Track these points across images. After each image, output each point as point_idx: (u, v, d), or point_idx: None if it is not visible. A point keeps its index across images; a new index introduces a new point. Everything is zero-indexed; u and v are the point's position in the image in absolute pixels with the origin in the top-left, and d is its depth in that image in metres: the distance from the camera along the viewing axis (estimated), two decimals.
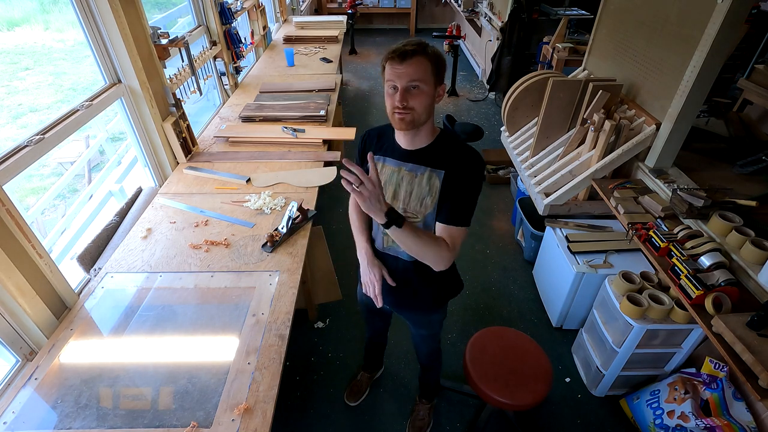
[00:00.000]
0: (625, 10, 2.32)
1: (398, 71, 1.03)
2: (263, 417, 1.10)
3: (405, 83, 1.04)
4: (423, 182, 1.16)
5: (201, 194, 1.97)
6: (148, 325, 1.37)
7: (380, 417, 1.90)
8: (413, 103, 1.06)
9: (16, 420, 1.11)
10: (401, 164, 1.19)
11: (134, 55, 1.81)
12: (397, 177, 1.20)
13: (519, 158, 2.61)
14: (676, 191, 1.72)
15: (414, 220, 1.21)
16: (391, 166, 1.21)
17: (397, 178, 1.20)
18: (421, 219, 1.20)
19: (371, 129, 1.30)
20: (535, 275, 2.56)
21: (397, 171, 1.20)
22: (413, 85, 1.04)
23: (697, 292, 1.40)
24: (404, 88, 1.04)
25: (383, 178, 1.22)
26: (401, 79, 1.04)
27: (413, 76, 1.03)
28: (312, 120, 2.56)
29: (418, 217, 1.20)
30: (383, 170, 1.22)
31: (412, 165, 1.17)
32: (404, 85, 1.04)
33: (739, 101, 2.65)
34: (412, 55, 1.02)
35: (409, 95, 1.05)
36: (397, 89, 1.05)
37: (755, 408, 1.49)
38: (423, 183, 1.16)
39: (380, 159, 1.23)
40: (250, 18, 3.73)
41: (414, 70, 1.03)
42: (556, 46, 3.61)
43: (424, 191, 1.17)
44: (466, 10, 5.92)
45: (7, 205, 1.23)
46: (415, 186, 1.18)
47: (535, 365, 1.56)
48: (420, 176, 1.16)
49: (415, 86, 1.04)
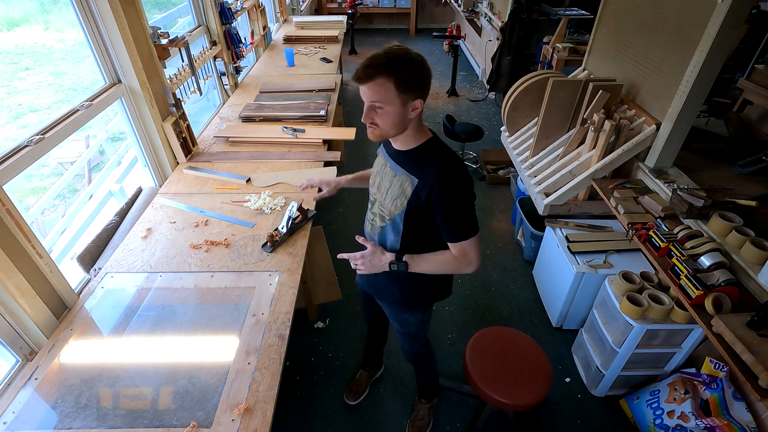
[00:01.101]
0: (625, 10, 2.32)
1: (361, 90, 1.04)
2: (263, 417, 1.10)
3: (368, 103, 1.05)
4: (398, 183, 1.18)
5: (201, 194, 1.97)
6: (148, 325, 1.37)
7: (380, 417, 1.90)
8: (378, 120, 1.07)
9: (16, 420, 1.11)
10: (388, 160, 1.23)
11: (134, 55, 1.81)
12: (383, 171, 1.25)
13: (519, 158, 2.61)
14: (676, 191, 1.72)
15: (385, 216, 1.24)
16: (383, 158, 1.27)
17: (383, 171, 1.25)
18: (391, 218, 1.23)
19: None
20: (535, 275, 2.56)
21: (384, 165, 1.25)
22: (376, 106, 1.05)
23: (697, 292, 1.40)
24: (368, 107, 1.06)
25: (376, 168, 1.30)
26: (365, 98, 1.05)
27: (372, 99, 1.03)
28: (312, 120, 2.56)
29: (388, 215, 1.23)
30: (377, 161, 1.30)
31: (394, 164, 1.21)
32: (367, 104, 1.06)
33: (739, 101, 2.65)
34: (369, 78, 1.00)
35: (374, 113, 1.06)
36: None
37: (755, 408, 1.49)
38: (398, 183, 1.18)
39: (381, 151, 1.30)
40: (250, 18, 3.73)
41: (372, 93, 1.02)
42: (556, 46, 3.61)
43: (397, 191, 1.19)
44: (466, 10, 5.92)
45: (7, 205, 1.23)
46: (392, 184, 1.20)
47: (535, 365, 1.56)
48: (398, 177, 1.19)
49: (377, 107, 1.05)
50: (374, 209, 1.30)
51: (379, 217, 1.28)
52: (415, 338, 1.56)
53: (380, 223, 1.28)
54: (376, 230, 1.31)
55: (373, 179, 1.31)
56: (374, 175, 1.31)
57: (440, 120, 3.67)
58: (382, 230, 1.28)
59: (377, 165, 1.30)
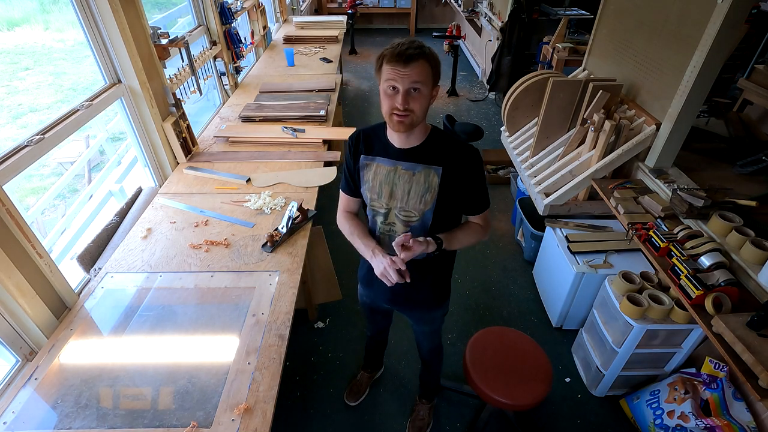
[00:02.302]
0: (625, 10, 2.31)
1: (400, 73, 1.02)
2: (263, 417, 1.10)
3: (407, 85, 1.03)
4: (421, 179, 1.17)
5: (201, 194, 1.97)
6: (148, 325, 1.37)
7: (380, 417, 1.90)
8: (413, 106, 1.06)
9: (16, 420, 1.11)
10: (397, 163, 1.19)
11: (134, 55, 1.81)
12: (393, 176, 1.20)
13: (519, 158, 2.61)
14: (676, 191, 1.72)
15: (412, 217, 1.21)
16: (385, 165, 1.21)
17: (393, 177, 1.20)
18: (419, 216, 1.21)
19: (359, 129, 1.27)
20: (535, 275, 2.56)
21: (393, 170, 1.20)
22: (414, 87, 1.04)
23: (697, 292, 1.40)
24: (406, 90, 1.04)
25: (378, 178, 1.22)
26: (403, 82, 1.03)
27: (415, 78, 1.03)
28: (312, 120, 2.56)
29: (417, 215, 1.21)
30: (377, 170, 1.22)
31: (409, 163, 1.18)
32: (406, 87, 1.04)
33: (739, 101, 2.65)
34: (417, 58, 1.02)
35: (410, 98, 1.05)
36: (396, 90, 1.05)
37: (755, 408, 1.49)
38: (421, 180, 1.17)
39: (372, 159, 1.22)
40: (250, 18, 3.73)
41: (417, 73, 1.02)
42: (556, 46, 3.61)
43: (422, 188, 1.18)
44: (466, 10, 5.92)
45: (7, 205, 1.23)
46: (413, 184, 1.18)
47: (535, 365, 1.56)
48: (418, 174, 1.17)
49: (416, 89, 1.04)
50: (389, 219, 1.25)
51: (401, 222, 1.23)
52: (437, 333, 1.61)
53: (403, 228, 1.24)
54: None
55: (377, 191, 1.23)
56: (377, 186, 1.22)
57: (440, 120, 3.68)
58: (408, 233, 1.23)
59: (379, 175, 1.22)
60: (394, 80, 1.04)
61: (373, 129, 1.25)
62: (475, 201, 1.25)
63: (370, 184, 1.24)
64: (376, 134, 1.23)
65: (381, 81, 1.08)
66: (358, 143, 1.25)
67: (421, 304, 1.44)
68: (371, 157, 1.23)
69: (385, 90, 1.07)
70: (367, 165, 1.23)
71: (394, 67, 1.03)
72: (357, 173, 1.27)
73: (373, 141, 1.23)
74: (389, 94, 1.06)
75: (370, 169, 1.23)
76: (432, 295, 1.41)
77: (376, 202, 1.25)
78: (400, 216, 1.23)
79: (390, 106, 1.07)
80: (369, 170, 1.23)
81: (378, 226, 1.28)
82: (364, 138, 1.24)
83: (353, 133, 1.28)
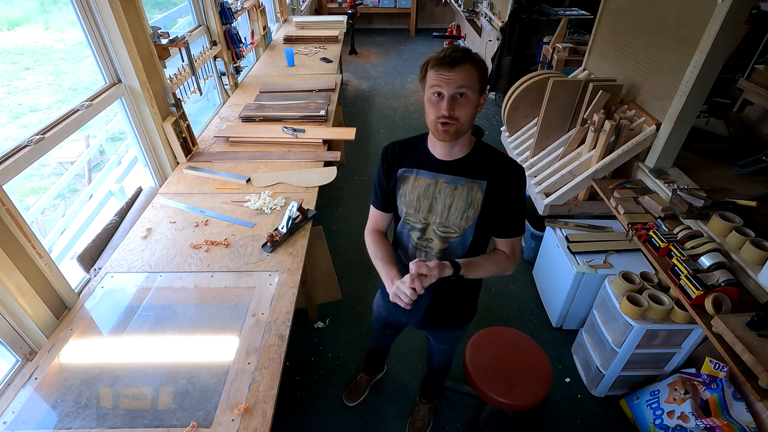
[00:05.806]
0: (626, 10, 2.32)
1: (446, 77, 0.98)
2: (263, 417, 1.10)
3: (452, 90, 0.99)
4: (464, 194, 1.11)
5: (201, 194, 1.97)
6: (148, 325, 1.37)
7: (380, 417, 1.90)
8: (459, 113, 1.01)
9: (16, 420, 1.11)
10: (438, 176, 1.13)
11: (134, 55, 1.81)
12: (434, 189, 1.14)
13: (519, 158, 2.61)
14: (676, 191, 1.72)
15: (451, 234, 1.15)
16: (426, 178, 1.14)
17: (434, 190, 1.14)
18: (459, 233, 1.15)
19: (396, 141, 1.21)
20: (535, 275, 2.56)
21: (434, 183, 1.13)
22: (460, 92, 1.00)
23: (697, 292, 1.40)
24: (451, 95, 0.99)
25: (416, 191, 1.16)
26: (449, 86, 0.99)
27: (461, 83, 0.98)
28: (312, 120, 2.56)
29: (457, 231, 1.15)
30: (416, 183, 1.15)
31: (451, 177, 1.12)
32: (452, 92, 0.99)
33: (739, 101, 2.65)
34: (462, 61, 0.98)
35: (456, 104, 1.00)
36: (442, 96, 1.00)
37: (755, 408, 1.49)
38: (464, 195, 1.11)
39: (412, 171, 1.16)
40: (250, 18, 3.73)
41: (462, 77, 0.98)
42: (556, 46, 3.60)
43: (465, 203, 1.12)
44: (466, 10, 5.92)
45: (7, 205, 1.23)
46: (455, 198, 1.12)
47: (535, 365, 1.56)
48: (461, 188, 1.12)
49: (462, 93, 1.00)
50: (426, 235, 1.18)
51: (439, 238, 1.17)
52: (452, 351, 1.60)
53: (441, 245, 1.17)
54: (432, 257, 1.19)
55: (414, 205, 1.16)
56: (415, 200, 1.16)
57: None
58: (445, 251, 1.18)
59: (417, 188, 1.15)
60: (438, 85, 0.99)
61: (410, 140, 1.20)
62: (511, 223, 1.16)
63: (407, 197, 1.17)
64: (415, 145, 1.18)
65: (425, 89, 1.03)
66: (393, 155, 1.19)
67: (447, 324, 1.41)
68: (410, 169, 1.16)
69: (430, 97, 1.02)
70: (405, 177, 1.17)
71: (439, 71, 0.99)
72: (391, 186, 1.20)
73: (411, 152, 1.17)
74: (434, 102, 1.02)
75: (407, 181, 1.16)
76: (459, 317, 1.39)
77: (412, 217, 1.18)
78: (438, 232, 1.16)
79: (435, 115, 1.02)
80: (407, 183, 1.17)
81: (412, 242, 1.21)
82: (400, 149, 1.19)
83: (388, 145, 1.21)
